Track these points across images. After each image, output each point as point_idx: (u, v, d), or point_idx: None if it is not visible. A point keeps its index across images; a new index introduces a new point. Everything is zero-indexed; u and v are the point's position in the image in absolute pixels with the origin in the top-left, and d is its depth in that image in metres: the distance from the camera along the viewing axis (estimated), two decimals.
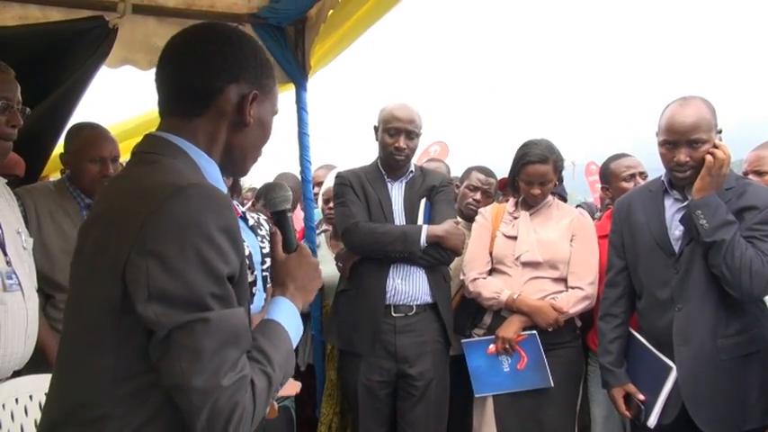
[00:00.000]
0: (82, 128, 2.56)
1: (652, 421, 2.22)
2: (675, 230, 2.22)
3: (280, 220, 1.36)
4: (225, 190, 1.18)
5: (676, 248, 2.21)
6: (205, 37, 1.17)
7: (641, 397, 2.28)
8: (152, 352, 0.99)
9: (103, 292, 1.01)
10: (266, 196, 1.43)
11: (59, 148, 2.77)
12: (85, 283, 1.07)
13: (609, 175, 3.21)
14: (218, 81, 1.13)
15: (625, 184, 3.11)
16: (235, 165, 1.22)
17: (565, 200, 3.53)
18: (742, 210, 2.09)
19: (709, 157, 2.06)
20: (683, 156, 2.11)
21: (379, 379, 2.74)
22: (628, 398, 2.35)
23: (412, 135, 2.79)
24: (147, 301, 0.96)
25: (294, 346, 1.18)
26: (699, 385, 2.13)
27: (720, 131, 2.14)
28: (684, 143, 2.11)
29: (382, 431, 2.80)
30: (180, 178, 1.04)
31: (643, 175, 3.09)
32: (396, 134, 2.77)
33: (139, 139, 1.20)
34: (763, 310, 2.22)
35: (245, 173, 1.29)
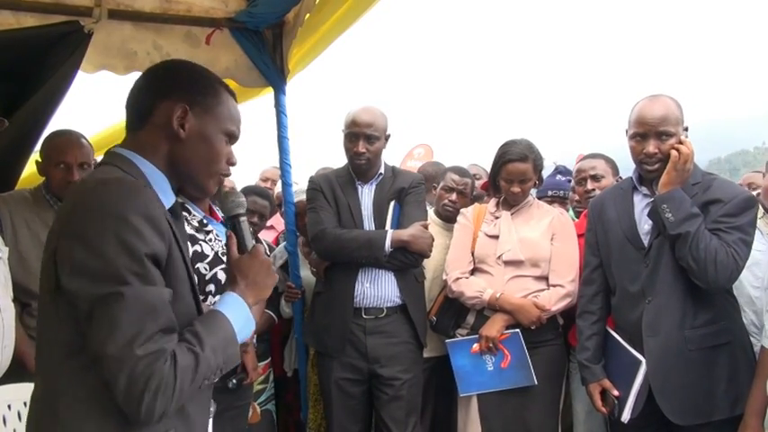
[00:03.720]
0: (54, 135, 2.54)
1: (625, 416, 2.24)
2: (644, 225, 2.27)
3: (234, 224, 1.46)
4: (171, 198, 1.30)
5: (645, 242, 2.25)
6: (152, 67, 1.36)
7: (616, 392, 2.30)
8: (82, 325, 1.08)
9: (46, 277, 1.14)
10: (221, 204, 1.54)
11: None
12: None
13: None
14: (150, 98, 1.29)
15: (578, 188, 3.12)
16: (189, 181, 1.33)
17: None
18: (707, 203, 2.14)
19: (674, 153, 2.12)
20: (651, 147, 2.17)
21: (352, 377, 2.75)
22: (604, 393, 2.37)
23: (372, 139, 2.77)
24: (70, 276, 1.08)
25: (244, 338, 1.27)
26: (667, 375, 2.15)
27: (687, 129, 2.20)
28: (653, 135, 2.16)
29: (356, 428, 2.80)
30: (108, 176, 1.18)
31: (596, 177, 3.04)
32: (355, 139, 2.77)
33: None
34: (733, 303, 2.25)
35: (206, 192, 1.36)
